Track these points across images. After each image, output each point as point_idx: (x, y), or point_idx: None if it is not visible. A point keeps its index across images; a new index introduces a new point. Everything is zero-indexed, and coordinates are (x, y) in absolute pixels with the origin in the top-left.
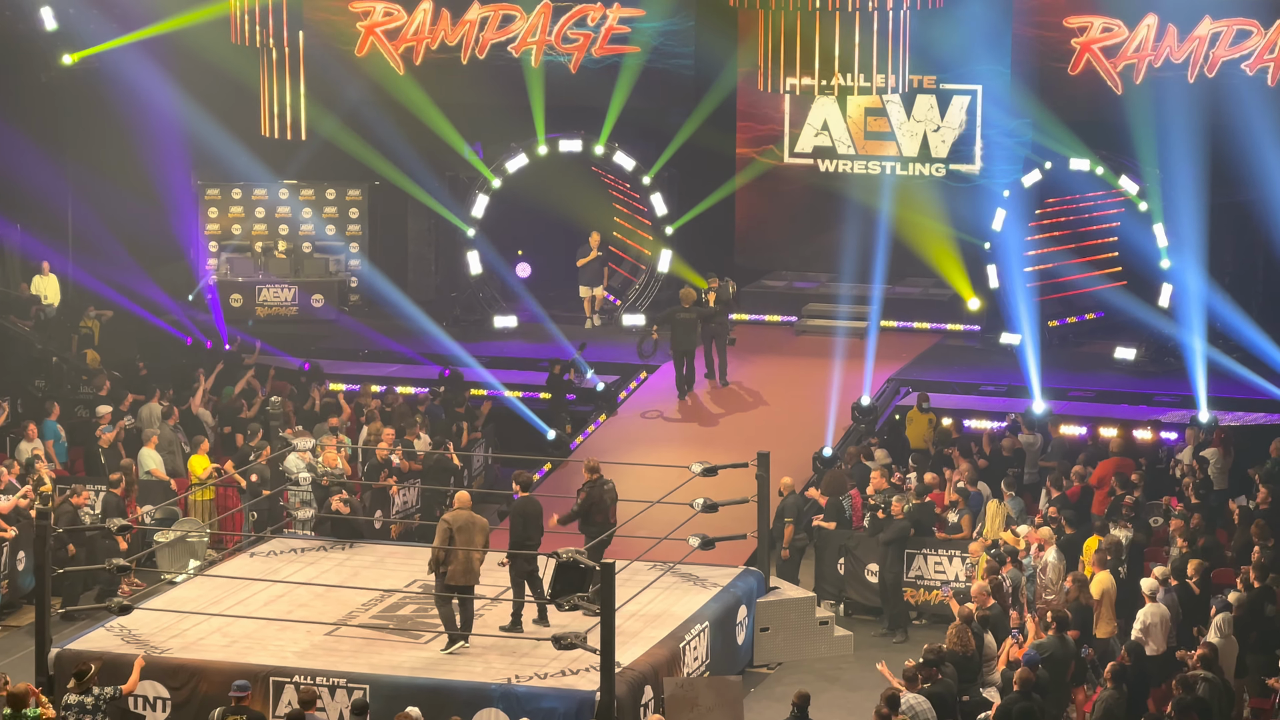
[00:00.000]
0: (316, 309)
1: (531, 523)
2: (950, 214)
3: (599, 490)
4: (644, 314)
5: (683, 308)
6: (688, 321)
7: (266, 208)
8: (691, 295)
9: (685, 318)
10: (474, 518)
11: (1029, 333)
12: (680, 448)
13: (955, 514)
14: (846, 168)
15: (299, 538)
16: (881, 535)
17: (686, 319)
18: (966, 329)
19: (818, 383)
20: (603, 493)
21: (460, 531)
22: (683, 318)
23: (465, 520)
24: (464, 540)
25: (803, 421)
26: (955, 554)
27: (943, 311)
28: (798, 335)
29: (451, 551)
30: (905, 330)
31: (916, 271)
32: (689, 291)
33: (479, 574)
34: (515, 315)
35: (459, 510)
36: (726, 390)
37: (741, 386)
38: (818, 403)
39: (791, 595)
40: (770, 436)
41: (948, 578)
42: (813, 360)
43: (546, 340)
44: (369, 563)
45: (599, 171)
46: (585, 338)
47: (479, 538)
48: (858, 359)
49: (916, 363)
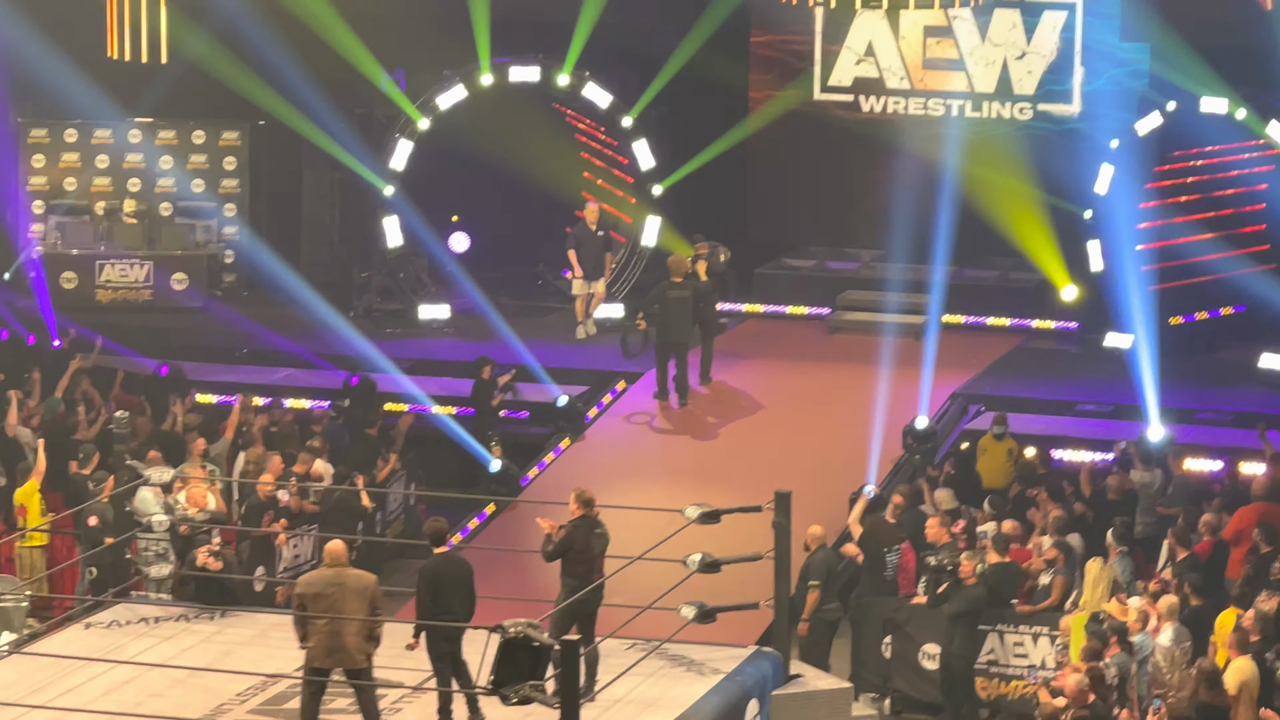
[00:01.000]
0: (178, 292)
1: (449, 589)
2: (1039, 171)
3: (586, 532)
4: (622, 303)
5: (673, 283)
6: (681, 301)
7: (111, 155)
8: (685, 265)
9: (679, 296)
10: (344, 576)
11: (1144, 333)
12: (670, 484)
13: (1046, 577)
14: (898, 107)
15: (152, 603)
16: (946, 606)
17: (680, 298)
18: (1059, 327)
19: (857, 398)
20: (591, 537)
21: (318, 600)
22: (675, 296)
23: (324, 584)
24: (324, 609)
25: (837, 450)
26: (1043, 631)
27: (1027, 303)
28: (831, 334)
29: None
30: (976, 328)
31: (992, 249)
32: (680, 260)
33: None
34: (448, 304)
35: (322, 570)
36: (732, 403)
37: (753, 401)
38: (857, 425)
39: (820, 686)
40: (793, 470)
41: (1033, 663)
42: (851, 367)
43: (488, 337)
44: (247, 637)
45: (563, 110)
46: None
47: (352, 604)
48: (912, 367)
49: (991, 372)
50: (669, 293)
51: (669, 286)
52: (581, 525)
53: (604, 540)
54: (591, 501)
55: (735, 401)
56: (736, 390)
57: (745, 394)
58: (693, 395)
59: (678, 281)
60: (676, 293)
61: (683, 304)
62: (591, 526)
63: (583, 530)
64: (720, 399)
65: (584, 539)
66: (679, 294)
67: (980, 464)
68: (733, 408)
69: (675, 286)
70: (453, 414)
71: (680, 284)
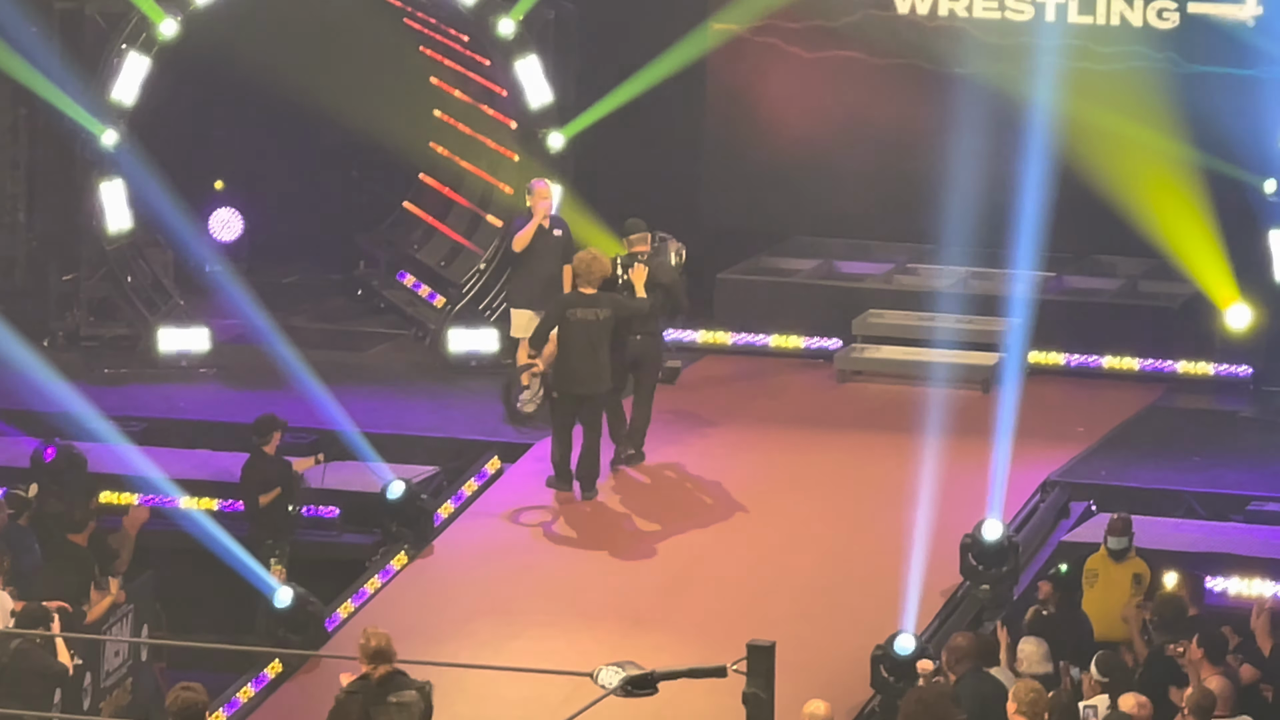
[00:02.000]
0: None
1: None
2: (1189, 118)
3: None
4: (494, 327)
5: (581, 295)
6: (594, 328)
7: None
8: (604, 268)
9: (590, 319)
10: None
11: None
12: (573, 629)
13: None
14: (957, 6)
15: None
16: None
17: (592, 321)
18: (1221, 374)
19: (883, 489)
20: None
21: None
22: (584, 319)
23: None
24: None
25: (851, 576)
26: None
27: (1169, 334)
28: (843, 382)
29: None
30: (1085, 374)
31: (1111, 245)
32: (594, 260)
33: None
34: (206, 327)
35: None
36: (676, 497)
37: (711, 494)
38: (885, 535)
39: None
40: (778, 609)
41: None
42: (874, 438)
43: (274, 384)
44: None
45: (400, 6)
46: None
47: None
48: (977, 436)
49: (1109, 447)
50: (573, 312)
51: (574, 302)
52: (361, 692)
53: (407, 714)
54: (384, 651)
55: (681, 494)
56: (683, 474)
57: (698, 481)
58: (614, 480)
59: (588, 294)
60: (586, 313)
61: (596, 332)
62: (382, 694)
63: (362, 701)
64: (657, 489)
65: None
66: (590, 315)
67: (1089, 599)
68: (677, 504)
69: (585, 302)
70: (214, 510)
71: (593, 298)
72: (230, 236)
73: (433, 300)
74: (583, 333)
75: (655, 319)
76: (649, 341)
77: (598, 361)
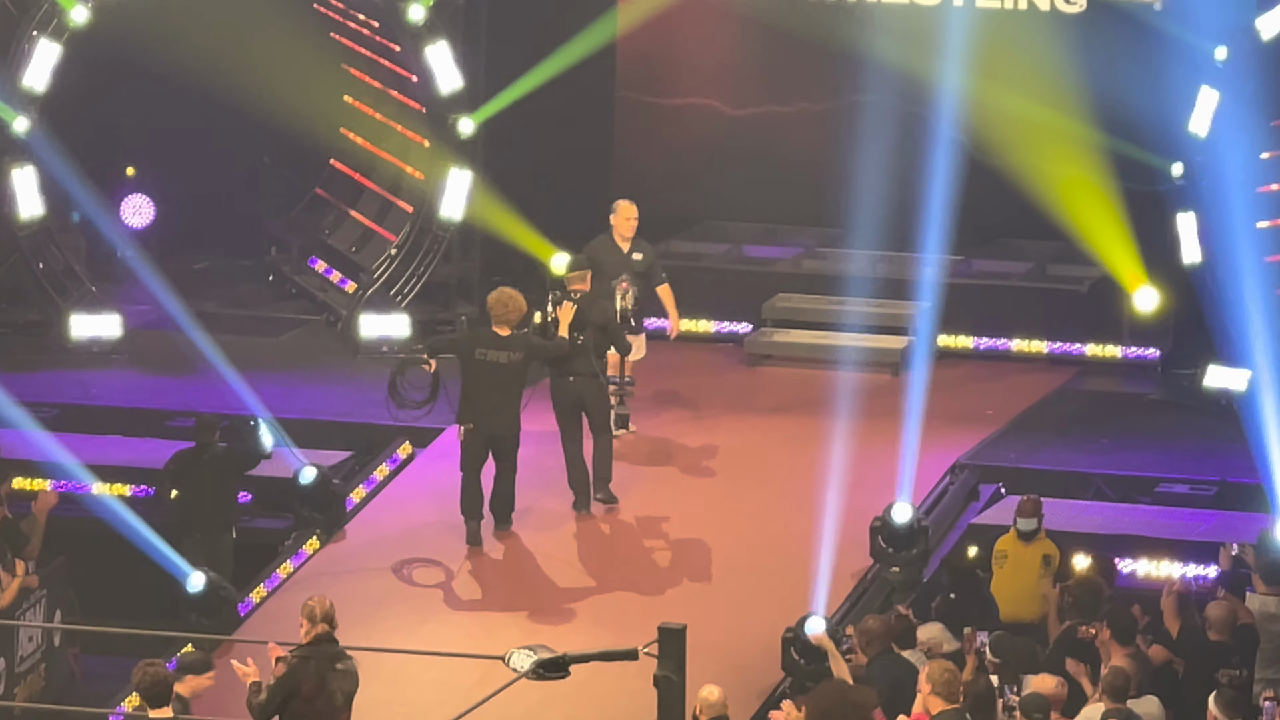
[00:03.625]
0: None
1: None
2: (1097, 100)
3: (322, 669)
4: (405, 312)
5: (493, 334)
6: (502, 370)
7: None
8: (515, 305)
9: (496, 360)
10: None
11: (1268, 366)
12: (485, 614)
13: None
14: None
15: None
16: None
17: (498, 363)
18: (1129, 356)
19: (795, 472)
20: (330, 675)
21: None
22: (492, 360)
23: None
24: None
25: (763, 558)
26: None
27: (1076, 318)
28: (753, 365)
29: None
30: (993, 357)
31: (1019, 229)
32: (509, 297)
33: None
34: (118, 312)
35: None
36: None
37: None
38: (794, 518)
39: None
40: (689, 592)
41: None
42: (784, 421)
43: (185, 369)
44: None
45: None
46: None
47: None
48: (887, 420)
49: (1017, 430)
50: (483, 353)
51: (484, 341)
52: (316, 656)
53: (350, 681)
54: (332, 617)
55: (612, 507)
56: (615, 495)
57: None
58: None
59: (501, 335)
60: (498, 354)
61: (506, 374)
62: (330, 661)
63: (315, 666)
64: (584, 509)
65: (316, 680)
66: (501, 356)
67: (998, 581)
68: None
69: (496, 343)
70: (126, 495)
71: (506, 339)
72: (142, 222)
73: (344, 286)
74: (491, 374)
75: (589, 359)
76: (588, 383)
77: (507, 404)
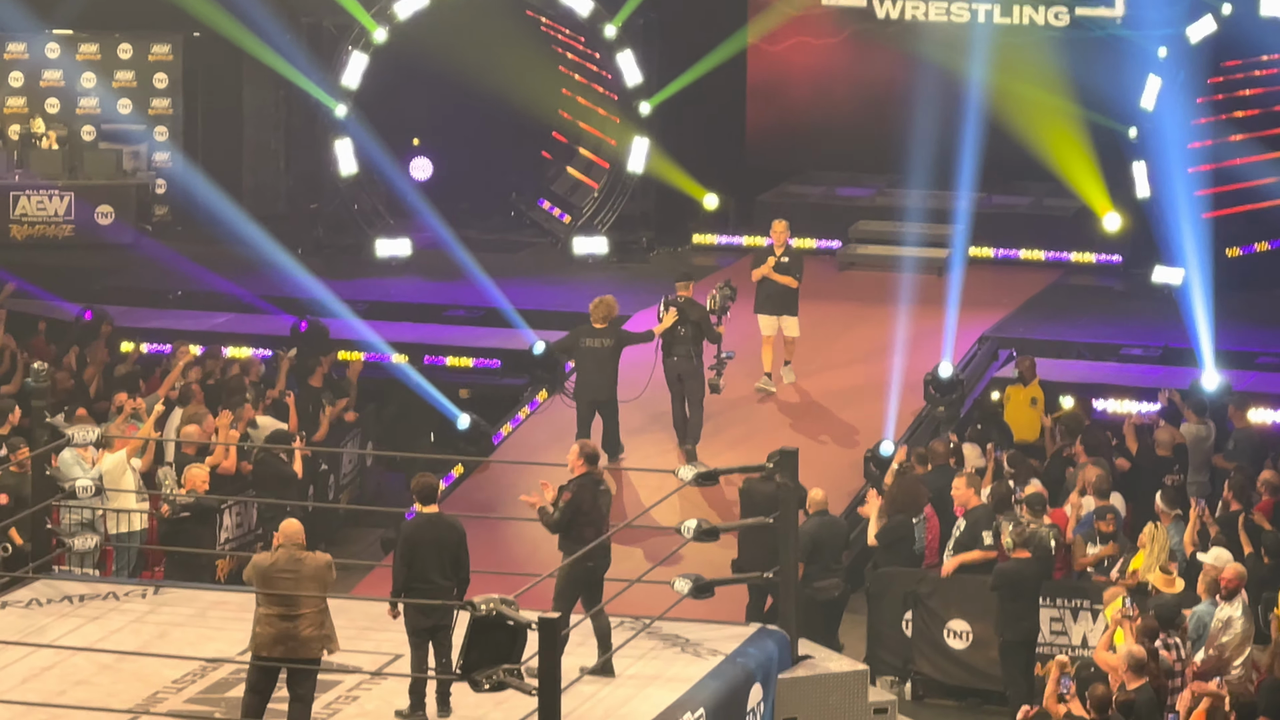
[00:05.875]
0: (104, 227)
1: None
2: (1077, 85)
3: (593, 491)
4: (604, 235)
5: (592, 328)
6: (599, 353)
7: (26, 72)
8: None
9: (593, 346)
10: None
11: (1197, 266)
12: (662, 442)
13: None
14: (917, 12)
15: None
16: (992, 580)
17: (594, 348)
18: (1100, 261)
19: (872, 342)
20: (597, 495)
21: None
22: (589, 346)
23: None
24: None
25: (848, 402)
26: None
27: (1064, 234)
28: (841, 270)
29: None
30: (1007, 263)
31: (1024, 173)
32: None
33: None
34: (409, 238)
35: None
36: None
37: (752, 347)
38: (872, 373)
39: (832, 668)
40: (799, 426)
41: (1073, 642)
42: (863, 308)
43: (454, 276)
44: (184, 617)
45: (538, 18)
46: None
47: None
48: (934, 306)
49: (1024, 312)
50: (585, 341)
51: (586, 333)
52: (586, 483)
53: (609, 498)
54: (596, 456)
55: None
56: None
57: (743, 339)
58: None
59: (598, 328)
60: (594, 341)
61: (603, 355)
62: (595, 484)
63: (588, 489)
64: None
65: (590, 499)
66: (596, 343)
67: (1009, 415)
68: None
69: (594, 334)
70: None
71: (601, 331)
72: (424, 176)
73: (563, 219)
74: (590, 356)
75: (688, 345)
76: (685, 362)
77: (604, 376)
